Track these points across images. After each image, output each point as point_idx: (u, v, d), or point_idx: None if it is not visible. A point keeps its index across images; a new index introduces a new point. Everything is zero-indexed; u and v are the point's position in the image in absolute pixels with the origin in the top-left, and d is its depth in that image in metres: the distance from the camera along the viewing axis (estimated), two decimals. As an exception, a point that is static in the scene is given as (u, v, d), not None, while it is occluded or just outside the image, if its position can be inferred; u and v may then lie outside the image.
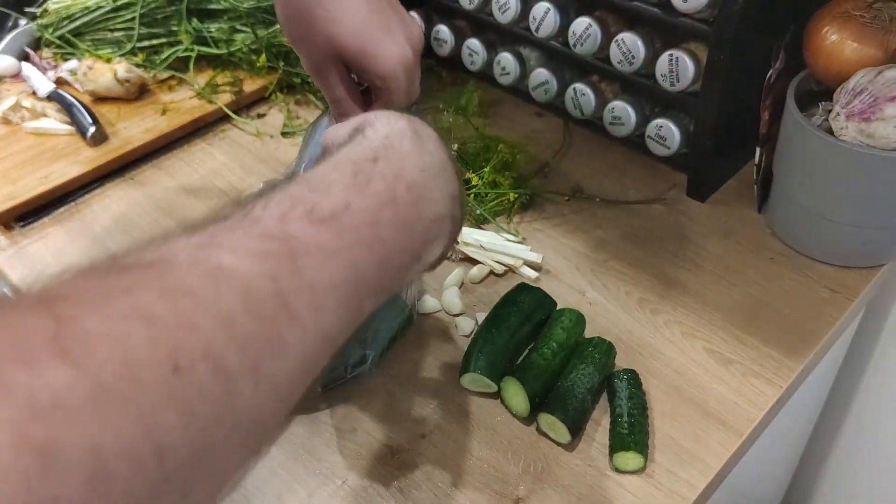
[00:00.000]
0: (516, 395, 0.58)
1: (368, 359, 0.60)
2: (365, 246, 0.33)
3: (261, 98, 0.95)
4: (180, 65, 0.97)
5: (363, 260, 0.33)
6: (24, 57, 0.99)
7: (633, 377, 0.60)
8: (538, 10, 0.80)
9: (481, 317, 0.66)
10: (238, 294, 0.27)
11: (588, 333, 0.65)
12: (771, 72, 0.68)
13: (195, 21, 0.96)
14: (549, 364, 0.59)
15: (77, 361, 0.22)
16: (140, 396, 0.23)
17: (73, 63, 0.97)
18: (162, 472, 0.23)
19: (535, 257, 0.72)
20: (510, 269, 0.71)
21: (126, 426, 0.22)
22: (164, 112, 0.91)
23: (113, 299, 0.25)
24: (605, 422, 0.59)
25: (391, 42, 0.51)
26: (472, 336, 0.63)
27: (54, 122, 0.89)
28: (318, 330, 0.30)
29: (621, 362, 0.63)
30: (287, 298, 0.29)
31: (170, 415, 0.24)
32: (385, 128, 0.40)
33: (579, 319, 0.63)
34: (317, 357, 0.31)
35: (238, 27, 0.96)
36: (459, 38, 0.93)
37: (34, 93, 0.93)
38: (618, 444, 0.56)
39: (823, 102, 0.68)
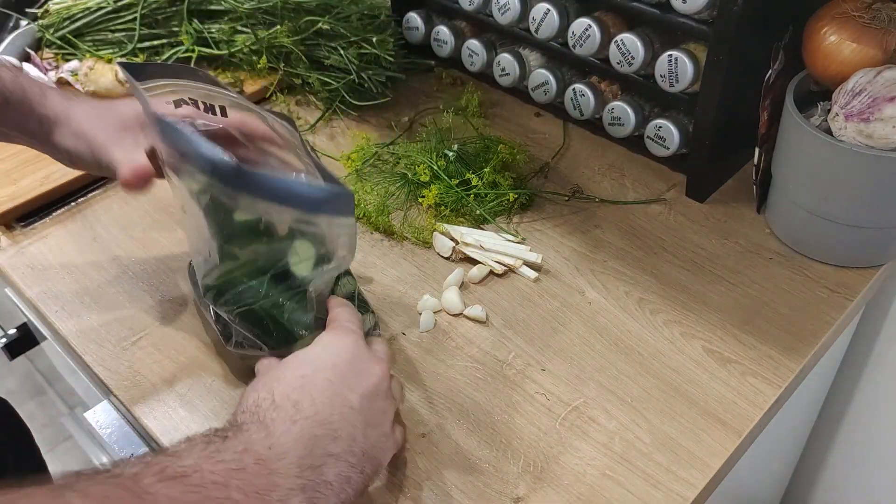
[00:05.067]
0: None
1: None
2: (213, 502, 0.37)
3: (262, 99, 0.95)
4: (181, 65, 0.97)
5: None
6: (26, 58, 0.99)
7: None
8: (538, 10, 0.80)
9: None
10: None
11: (587, 332, 0.66)
12: (770, 72, 0.68)
13: (196, 22, 0.96)
14: None
15: None
16: None
17: (74, 64, 0.97)
18: None
19: (534, 257, 0.72)
20: (510, 269, 0.72)
21: None
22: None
23: None
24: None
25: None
26: None
27: (55, 122, 0.89)
28: None
29: (620, 362, 0.63)
30: None
31: None
32: (251, 398, 0.46)
33: None
34: None
35: (239, 28, 0.96)
36: (459, 38, 0.93)
37: (35, 93, 0.93)
38: None
39: (822, 103, 0.68)
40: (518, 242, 0.74)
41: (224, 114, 0.61)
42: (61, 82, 0.95)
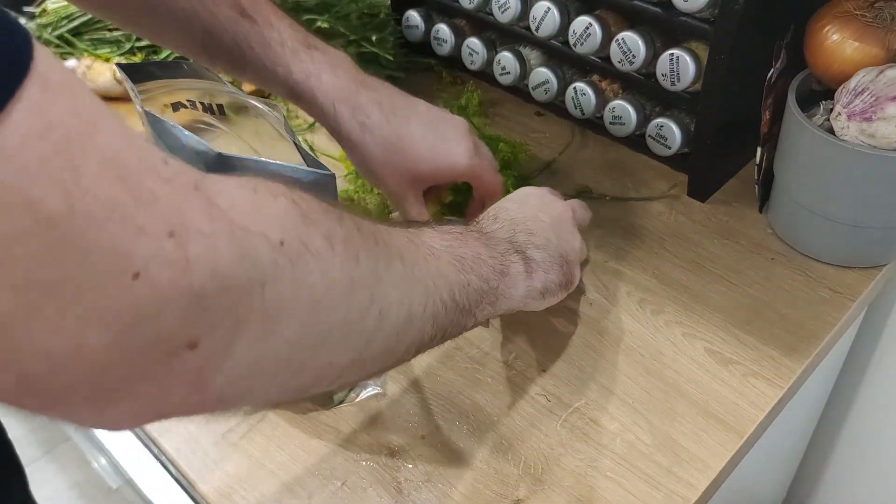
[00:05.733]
0: None
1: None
2: (457, 237, 0.48)
3: (261, 98, 0.95)
4: (180, 64, 0.97)
5: (460, 246, 0.47)
6: (24, 57, 0.99)
7: None
8: (538, 9, 0.80)
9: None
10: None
11: (588, 333, 0.66)
12: (772, 71, 0.68)
13: (194, 20, 0.96)
14: None
15: None
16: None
17: (71, 62, 0.96)
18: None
19: (535, 257, 0.71)
20: (510, 270, 0.71)
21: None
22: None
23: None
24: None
25: (453, 145, 0.63)
26: None
27: (53, 121, 0.89)
28: (434, 270, 0.44)
29: (621, 363, 0.63)
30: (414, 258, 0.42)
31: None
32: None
33: None
34: (420, 298, 0.41)
35: (237, 27, 0.96)
36: (459, 37, 0.93)
37: (33, 92, 0.93)
38: None
39: (824, 102, 0.68)
40: (518, 242, 0.74)
41: (222, 112, 0.61)
42: (59, 81, 0.95)
